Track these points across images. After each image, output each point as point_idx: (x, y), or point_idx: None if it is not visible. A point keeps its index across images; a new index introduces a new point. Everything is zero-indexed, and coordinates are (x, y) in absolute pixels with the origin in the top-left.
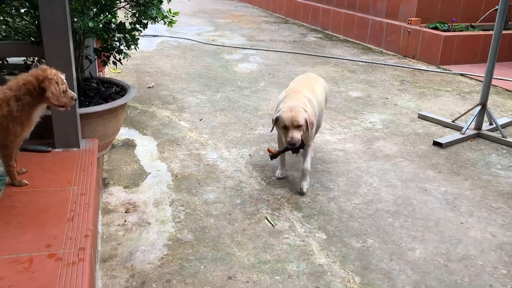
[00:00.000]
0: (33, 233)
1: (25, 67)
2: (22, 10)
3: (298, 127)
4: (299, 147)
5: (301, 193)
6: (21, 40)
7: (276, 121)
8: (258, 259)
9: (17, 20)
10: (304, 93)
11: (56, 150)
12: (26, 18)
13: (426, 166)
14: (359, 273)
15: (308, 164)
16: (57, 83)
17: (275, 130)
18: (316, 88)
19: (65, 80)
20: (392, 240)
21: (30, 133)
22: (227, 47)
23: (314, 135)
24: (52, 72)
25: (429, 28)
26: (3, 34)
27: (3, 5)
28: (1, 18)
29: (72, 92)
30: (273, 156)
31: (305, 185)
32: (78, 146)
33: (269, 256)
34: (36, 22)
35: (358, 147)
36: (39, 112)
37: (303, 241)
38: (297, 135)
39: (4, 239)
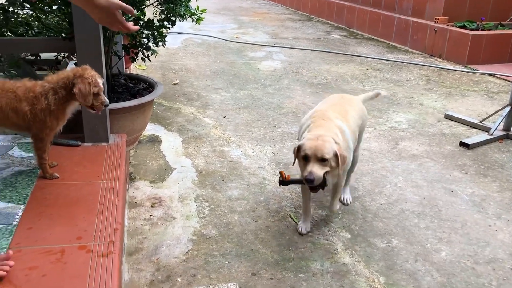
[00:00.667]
0: (64, 225)
1: (56, 63)
2: (55, 7)
3: (322, 160)
4: (318, 186)
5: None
6: (53, 36)
7: (298, 151)
8: (282, 257)
9: (49, 17)
10: (334, 120)
11: (86, 144)
12: (58, 15)
13: (452, 167)
14: (383, 273)
15: (334, 207)
16: (89, 83)
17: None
18: (350, 114)
19: (101, 85)
20: (418, 241)
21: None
22: (250, 44)
23: (348, 176)
24: (90, 73)
25: (456, 27)
26: (36, 30)
27: (37, 2)
28: (34, 15)
29: (105, 98)
30: (282, 182)
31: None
32: (107, 141)
33: (293, 254)
34: (68, 18)
35: (383, 146)
36: (73, 107)
37: (327, 240)
38: (318, 170)
39: (37, 230)
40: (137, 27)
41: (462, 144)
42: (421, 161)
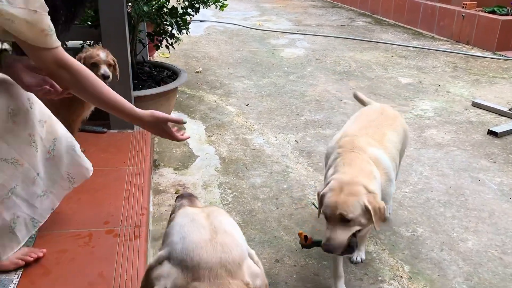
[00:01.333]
0: (92, 210)
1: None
2: None
3: (345, 221)
4: (345, 251)
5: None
6: (78, 24)
7: (321, 200)
8: None
9: None
10: (368, 149)
11: (112, 131)
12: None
13: (480, 156)
14: (408, 262)
15: (359, 257)
16: (85, 57)
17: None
18: (388, 137)
19: (101, 57)
20: (443, 230)
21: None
22: (273, 32)
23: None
24: (89, 49)
25: (485, 12)
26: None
27: None
28: None
29: (105, 70)
30: (305, 245)
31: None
32: (132, 128)
33: None
34: (93, 6)
35: (409, 134)
36: None
37: None
38: (339, 235)
39: (66, 214)
40: (187, 136)
41: (490, 133)
42: (447, 149)
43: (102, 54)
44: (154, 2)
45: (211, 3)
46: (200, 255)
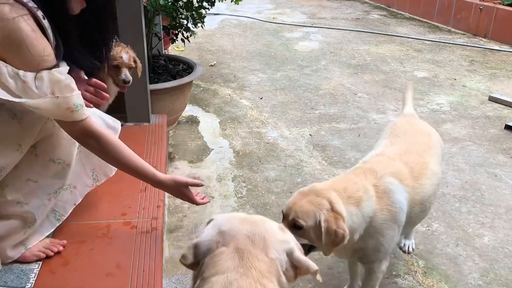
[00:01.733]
0: (109, 202)
1: None
2: None
3: (297, 228)
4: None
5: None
6: None
7: None
8: None
9: None
10: (384, 179)
11: (128, 124)
12: None
13: (496, 151)
14: (423, 257)
15: (410, 247)
16: (120, 57)
17: None
18: (430, 165)
19: (124, 60)
20: (459, 225)
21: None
22: (287, 25)
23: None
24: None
25: (504, 4)
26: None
27: None
28: None
29: (127, 75)
30: None
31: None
32: (148, 121)
33: None
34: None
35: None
36: (113, 88)
37: None
38: None
39: (85, 206)
40: (206, 200)
41: (508, 127)
42: (463, 144)
43: (125, 56)
44: None
45: None
46: (233, 223)
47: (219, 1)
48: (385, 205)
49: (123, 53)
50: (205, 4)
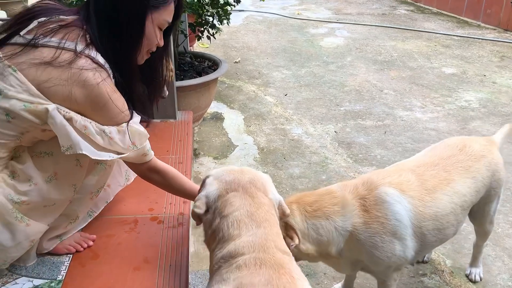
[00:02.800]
0: (137, 197)
1: None
2: None
3: None
4: None
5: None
6: None
7: None
8: None
9: None
10: (380, 188)
11: (155, 120)
12: None
13: None
14: (450, 257)
15: (477, 276)
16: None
17: None
18: (455, 184)
19: (167, 78)
20: None
21: None
22: (312, 21)
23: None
24: None
25: None
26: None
27: None
28: None
29: (165, 91)
30: None
31: None
32: (175, 118)
33: None
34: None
35: (452, 126)
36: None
37: None
38: None
39: (113, 201)
40: None
41: None
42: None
43: (164, 74)
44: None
45: None
46: (235, 175)
47: None
48: (375, 218)
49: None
50: (231, 1)
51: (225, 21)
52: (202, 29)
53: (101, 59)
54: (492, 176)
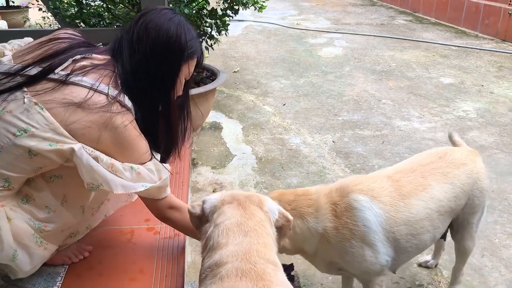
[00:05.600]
0: (133, 208)
1: None
2: None
3: None
4: None
5: None
6: (121, 26)
7: None
8: None
9: (118, 7)
10: (353, 196)
11: None
12: (127, 5)
13: None
14: (447, 267)
15: None
16: None
17: None
18: (431, 189)
19: None
20: (485, 235)
21: None
22: (311, 31)
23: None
24: None
25: None
26: (107, 21)
27: None
28: (105, 6)
29: None
30: None
31: None
32: None
33: None
34: (136, 8)
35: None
36: None
37: None
38: None
39: None
40: None
41: None
42: (490, 152)
43: None
44: (194, 4)
45: (250, 5)
46: (232, 192)
47: (243, 9)
48: (344, 224)
49: None
50: (229, 12)
51: (223, 32)
52: (201, 40)
53: (128, 103)
54: (474, 184)
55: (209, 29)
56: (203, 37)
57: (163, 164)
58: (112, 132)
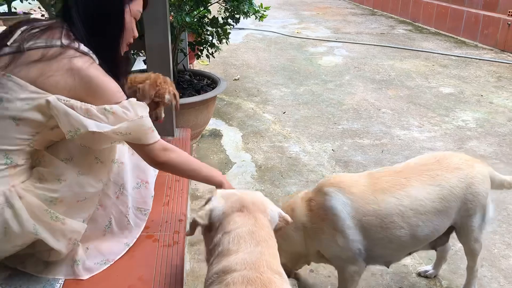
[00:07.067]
0: None
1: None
2: None
3: None
4: None
5: None
6: None
7: None
8: None
9: None
10: (324, 189)
11: None
12: None
13: None
14: (446, 277)
15: None
16: (153, 87)
17: None
18: (410, 188)
19: (166, 101)
20: (484, 245)
21: None
22: (311, 39)
23: None
24: (163, 83)
25: None
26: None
27: None
28: None
29: (162, 114)
30: None
31: None
32: (173, 135)
33: None
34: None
35: (448, 146)
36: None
37: None
38: None
39: None
40: None
41: None
42: (489, 162)
43: (167, 97)
44: (195, 13)
45: (251, 14)
46: (238, 195)
47: (244, 18)
48: (317, 215)
49: (167, 94)
50: (230, 21)
51: (224, 40)
52: (202, 48)
53: (84, 48)
54: (467, 188)
55: (210, 37)
56: (204, 45)
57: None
58: (77, 75)
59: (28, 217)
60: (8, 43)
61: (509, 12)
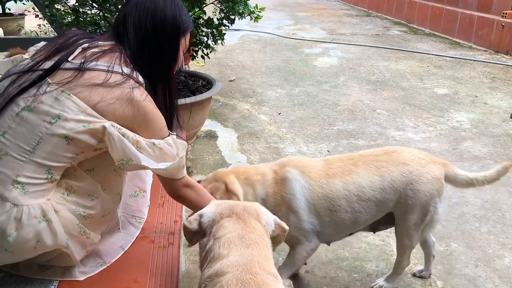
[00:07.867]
0: None
1: None
2: (120, 6)
3: None
4: None
5: None
6: None
7: None
8: (336, 256)
9: (115, 16)
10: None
11: None
12: None
13: None
14: (441, 278)
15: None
16: None
17: None
18: (355, 176)
19: None
20: (479, 245)
21: None
22: (307, 40)
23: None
24: None
25: None
26: (104, 29)
27: (104, 2)
28: (101, 14)
29: None
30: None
31: None
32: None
33: (347, 254)
34: None
35: (443, 147)
36: None
37: (383, 241)
38: None
39: None
40: None
41: None
42: (484, 162)
43: None
44: (190, 13)
45: (246, 15)
46: (229, 203)
47: (239, 19)
48: (279, 191)
49: None
50: (225, 21)
51: (219, 41)
52: (197, 48)
53: (141, 79)
54: (408, 184)
55: (205, 38)
56: (199, 46)
57: (181, 138)
58: (135, 106)
59: (62, 231)
60: (69, 59)
61: (503, 13)
